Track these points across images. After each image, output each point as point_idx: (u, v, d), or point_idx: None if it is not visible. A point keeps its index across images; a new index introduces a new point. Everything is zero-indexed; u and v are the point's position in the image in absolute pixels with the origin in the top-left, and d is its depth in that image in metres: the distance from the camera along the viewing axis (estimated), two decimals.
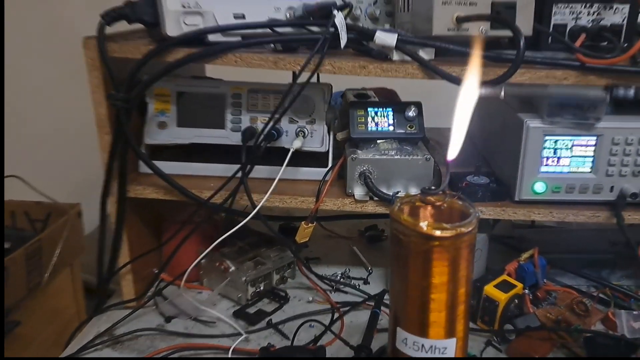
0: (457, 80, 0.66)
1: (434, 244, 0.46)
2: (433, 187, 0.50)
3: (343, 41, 0.69)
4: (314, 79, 0.70)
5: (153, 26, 0.71)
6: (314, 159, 0.80)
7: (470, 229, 0.46)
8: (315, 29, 0.73)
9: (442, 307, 0.48)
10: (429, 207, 0.51)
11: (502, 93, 0.68)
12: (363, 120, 0.77)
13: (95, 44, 0.69)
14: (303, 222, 0.76)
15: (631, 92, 0.74)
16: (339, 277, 0.89)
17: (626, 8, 0.71)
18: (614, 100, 0.73)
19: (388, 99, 1.03)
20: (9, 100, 1.38)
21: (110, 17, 0.69)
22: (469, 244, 0.47)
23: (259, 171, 0.76)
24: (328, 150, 0.79)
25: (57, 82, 1.40)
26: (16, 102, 1.39)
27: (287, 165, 0.73)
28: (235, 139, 0.77)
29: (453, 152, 0.50)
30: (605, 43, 0.71)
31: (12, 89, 1.39)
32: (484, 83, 0.65)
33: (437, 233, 0.45)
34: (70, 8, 1.31)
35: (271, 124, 0.73)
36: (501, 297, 0.73)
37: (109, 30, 0.70)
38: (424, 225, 0.45)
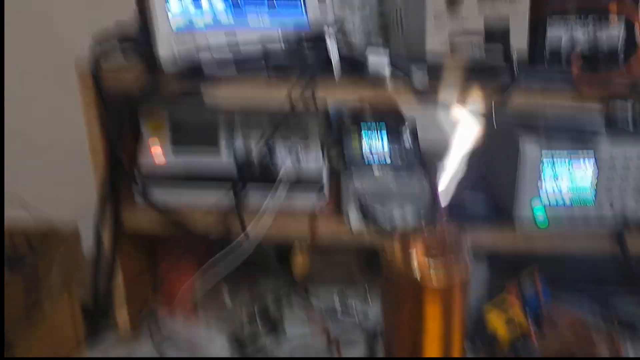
0: (450, 108, 0.65)
1: (427, 290, 0.44)
2: (427, 220, 0.49)
3: (337, 71, 0.68)
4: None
5: (145, 45, 0.70)
6: (309, 183, 0.78)
7: (463, 273, 0.45)
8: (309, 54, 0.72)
9: (435, 351, 0.47)
10: (423, 241, 0.49)
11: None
12: (357, 144, 0.76)
13: (86, 64, 0.69)
14: (299, 255, 0.75)
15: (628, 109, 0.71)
16: (337, 303, 0.87)
17: (621, 22, 0.70)
18: (611, 120, 0.71)
19: (390, 109, 1.01)
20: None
21: (102, 37, 0.70)
22: (463, 290, 0.45)
23: (255, 196, 0.75)
24: (323, 175, 0.78)
25: (53, 99, 1.39)
26: (11, 118, 1.38)
27: (281, 191, 0.72)
28: (229, 164, 0.76)
29: (444, 184, 0.49)
30: (601, 57, 0.70)
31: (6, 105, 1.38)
32: (477, 109, 0.64)
33: (431, 281, 0.44)
34: (67, 26, 1.30)
35: (265, 148, 0.72)
36: (502, 324, 0.71)
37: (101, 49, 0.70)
38: (417, 272, 0.44)
